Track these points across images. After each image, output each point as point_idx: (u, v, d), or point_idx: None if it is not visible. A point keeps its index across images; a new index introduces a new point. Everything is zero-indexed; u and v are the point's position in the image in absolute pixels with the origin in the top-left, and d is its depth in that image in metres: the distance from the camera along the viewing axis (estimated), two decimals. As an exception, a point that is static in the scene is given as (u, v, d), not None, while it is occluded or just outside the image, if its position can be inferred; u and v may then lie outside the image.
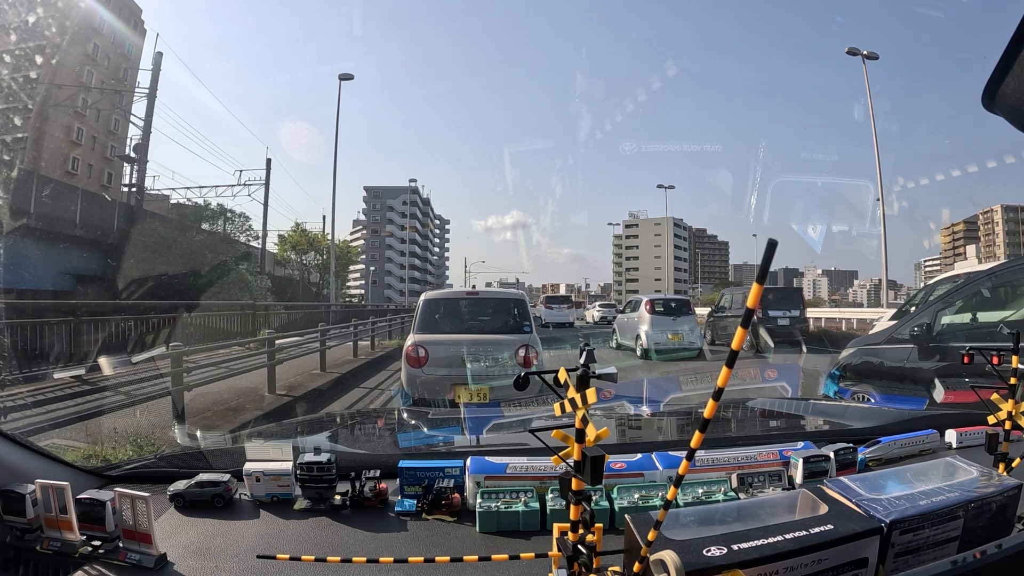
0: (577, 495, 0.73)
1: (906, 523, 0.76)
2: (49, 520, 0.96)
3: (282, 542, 0.99)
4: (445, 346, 5.18)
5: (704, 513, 0.86)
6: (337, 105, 23.85)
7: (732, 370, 0.59)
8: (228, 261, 20.96)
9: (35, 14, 23.50)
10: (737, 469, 1.17)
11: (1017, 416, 1.03)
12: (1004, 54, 0.67)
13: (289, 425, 2.48)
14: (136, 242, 17.91)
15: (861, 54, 20.57)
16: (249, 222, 28.12)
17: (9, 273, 14.48)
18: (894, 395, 3.74)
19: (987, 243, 71.16)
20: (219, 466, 1.25)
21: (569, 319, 22.41)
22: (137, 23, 28.84)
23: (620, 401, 2.00)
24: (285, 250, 31.60)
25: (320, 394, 7.45)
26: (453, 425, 2.01)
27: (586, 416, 0.71)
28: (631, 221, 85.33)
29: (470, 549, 0.96)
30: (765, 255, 0.54)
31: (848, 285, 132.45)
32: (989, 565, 0.76)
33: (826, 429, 1.77)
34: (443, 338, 5.30)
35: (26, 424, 4.19)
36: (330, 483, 1.12)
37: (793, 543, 0.70)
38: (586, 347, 0.73)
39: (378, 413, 3.97)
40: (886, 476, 0.92)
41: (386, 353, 12.33)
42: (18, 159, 22.90)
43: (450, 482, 1.12)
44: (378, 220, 71.79)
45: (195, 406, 5.63)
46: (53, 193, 17.58)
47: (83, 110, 26.18)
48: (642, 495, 1.08)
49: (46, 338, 7.61)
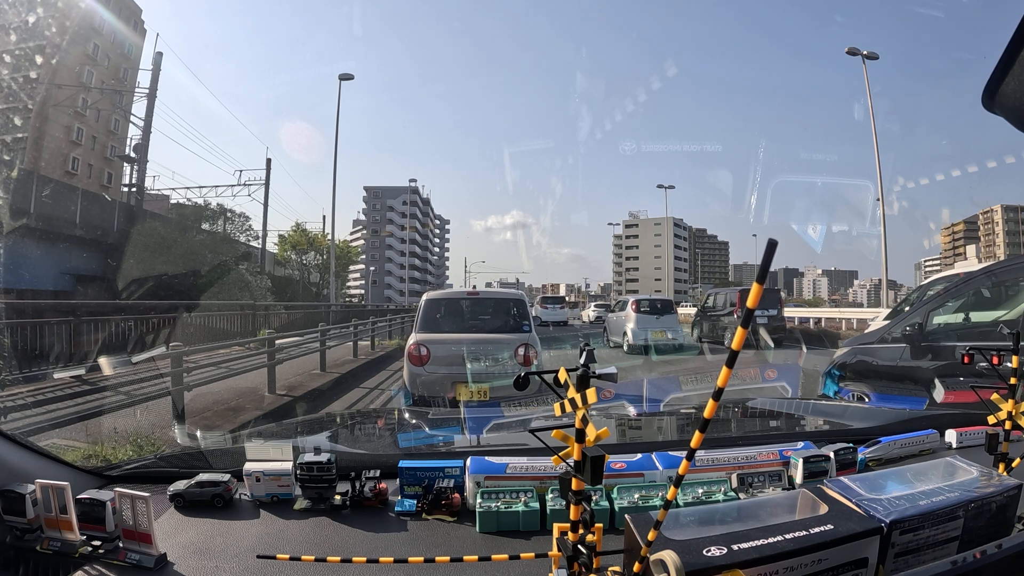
0: (577, 495, 0.73)
1: (906, 523, 0.76)
2: (49, 520, 0.96)
3: (282, 542, 0.99)
4: (446, 345, 5.23)
5: (704, 513, 0.86)
6: (337, 105, 23.85)
7: (732, 370, 0.59)
8: (228, 261, 20.93)
9: (35, 14, 23.51)
10: (737, 469, 1.17)
11: (1017, 416, 1.03)
12: (1004, 54, 0.67)
13: (289, 425, 2.48)
14: (136, 242, 17.90)
15: (861, 54, 20.61)
16: (249, 222, 28.16)
17: (9, 273, 14.48)
18: (888, 394, 3.81)
19: (987, 243, 71.13)
20: (219, 466, 1.25)
21: (564, 318, 23.59)
22: (137, 23, 28.85)
23: (620, 401, 2.00)
24: (285, 250, 31.55)
25: (320, 394, 7.45)
26: (453, 425, 2.01)
27: (586, 416, 0.71)
28: (631, 221, 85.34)
29: (470, 549, 0.96)
30: (765, 255, 0.54)
31: (848, 285, 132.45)
32: (989, 565, 0.76)
33: (826, 429, 1.77)
34: (444, 337, 5.35)
35: (26, 424, 4.19)
36: (330, 483, 1.12)
37: (793, 543, 0.70)
38: (586, 347, 0.73)
39: (378, 413, 3.97)
40: (886, 476, 0.92)
41: (386, 353, 12.31)
42: (18, 159, 22.89)
43: (450, 482, 1.12)
44: (378, 220, 71.76)
45: (195, 406, 5.63)
46: (53, 193, 17.57)
47: (83, 110, 26.18)
48: (642, 495, 1.08)
49: (46, 338, 7.61)
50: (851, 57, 20.85)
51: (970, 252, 69.33)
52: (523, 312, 5.86)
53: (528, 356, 5.19)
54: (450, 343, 5.25)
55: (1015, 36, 0.65)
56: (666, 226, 78.61)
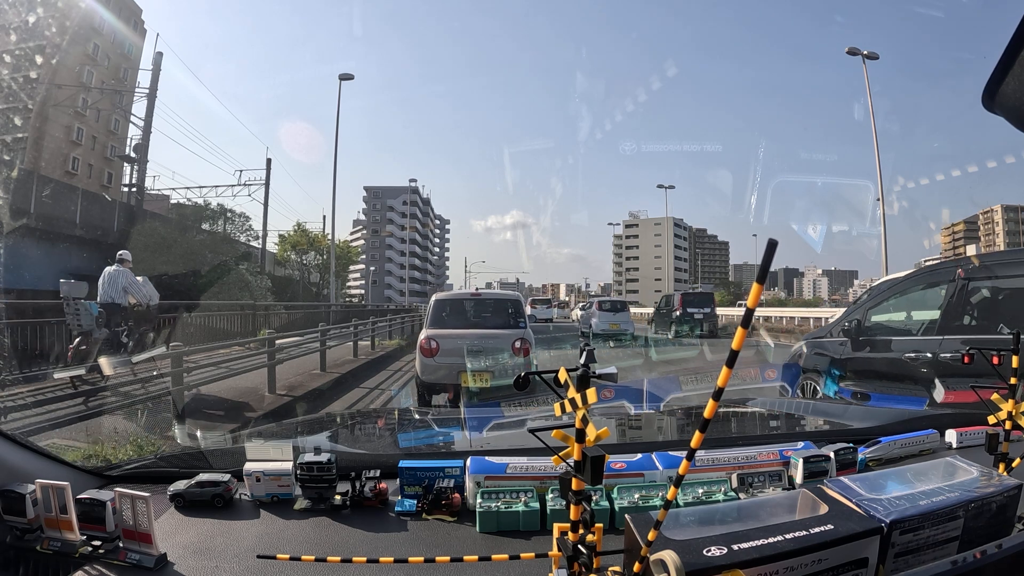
0: (577, 495, 0.73)
1: (906, 523, 0.76)
2: (49, 520, 0.96)
3: (282, 542, 0.99)
4: (453, 339, 5.92)
5: (704, 513, 0.86)
6: (337, 105, 23.77)
7: (732, 370, 0.59)
8: (228, 261, 20.86)
9: (35, 14, 23.48)
10: (737, 469, 1.17)
11: (1017, 416, 1.03)
12: (1004, 54, 0.67)
13: (289, 425, 2.48)
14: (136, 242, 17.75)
15: (861, 54, 20.51)
16: (249, 222, 27.99)
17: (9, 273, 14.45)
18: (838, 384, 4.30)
19: (987, 243, 71.02)
20: (219, 466, 1.25)
21: (550, 316, 29.66)
22: (137, 23, 28.82)
23: (620, 401, 2.00)
24: (285, 250, 31.48)
25: (320, 394, 7.45)
26: (453, 425, 2.01)
27: (586, 416, 0.71)
28: (631, 221, 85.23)
29: (470, 549, 0.96)
30: (765, 255, 0.54)
31: (848, 285, 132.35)
32: (989, 565, 0.76)
33: (826, 429, 1.77)
34: (451, 332, 6.05)
35: (26, 424, 4.19)
36: (330, 483, 1.12)
37: (793, 543, 0.70)
38: (586, 347, 0.73)
39: (378, 413, 3.97)
40: (886, 476, 0.92)
41: (386, 353, 12.30)
42: (18, 159, 22.86)
43: (450, 482, 1.12)
44: (378, 220, 71.71)
45: (194, 406, 5.63)
46: (53, 193, 17.55)
47: (83, 110, 26.14)
48: (642, 495, 1.08)
49: (46, 338, 7.59)
50: (851, 57, 20.84)
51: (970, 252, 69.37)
52: (519, 311, 6.53)
53: (524, 349, 5.93)
54: (456, 337, 5.92)
55: (1015, 36, 0.65)
56: (666, 226, 78.55)
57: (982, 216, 73.92)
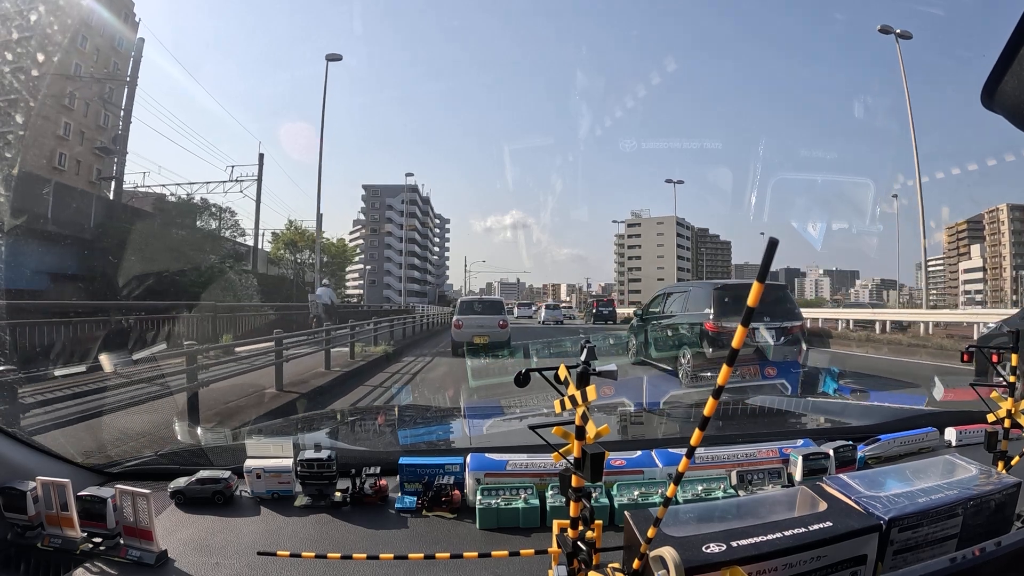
0: (577, 492, 0.73)
1: (905, 520, 0.76)
2: (50, 517, 0.96)
3: (282, 539, 0.99)
4: (469, 320, 12.18)
5: (704, 510, 0.86)
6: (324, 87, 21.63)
7: (732, 368, 0.59)
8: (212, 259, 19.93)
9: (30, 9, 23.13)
10: (737, 466, 1.17)
11: (1016, 414, 1.03)
12: (1003, 52, 0.67)
13: (290, 422, 2.48)
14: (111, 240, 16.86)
15: (894, 32, 19.09)
16: (235, 217, 26.58)
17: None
18: None
19: (992, 243, 70.70)
20: (220, 463, 1.25)
21: (530, 314, 38.36)
22: (128, 15, 28.40)
23: (620, 398, 2.00)
24: (279, 248, 30.25)
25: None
26: (453, 422, 2.01)
27: (586, 413, 0.71)
28: (633, 220, 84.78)
29: (470, 546, 0.96)
30: (766, 254, 0.54)
31: (850, 285, 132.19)
32: (988, 562, 0.76)
33: (826, 426, 1.77)
34: (468, 317, 12.26)
35: (27, 423, 4.18)
36: (330, 480, 1.12)
37: (792, 540, 0.70)
38: (587, 344, 0.73)
39: (378, 410, 3.97)
40: (885, 474, 0.93)
41: (369, 362, 9.50)
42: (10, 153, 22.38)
43: (450, 479, 1.13)
44: (377, 219, 71.52)
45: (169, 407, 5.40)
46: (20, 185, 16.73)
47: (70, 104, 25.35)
48: (642, 492, 1.08)
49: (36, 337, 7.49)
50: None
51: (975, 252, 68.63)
52: (502, 306, 13.36)
53: (504, 325, 12.27)
54: (471, 318, 12.23)
55: (1014, 35, 0.65)
56: (669, 224, 78.22)
57: (987, 215, 73.36)
